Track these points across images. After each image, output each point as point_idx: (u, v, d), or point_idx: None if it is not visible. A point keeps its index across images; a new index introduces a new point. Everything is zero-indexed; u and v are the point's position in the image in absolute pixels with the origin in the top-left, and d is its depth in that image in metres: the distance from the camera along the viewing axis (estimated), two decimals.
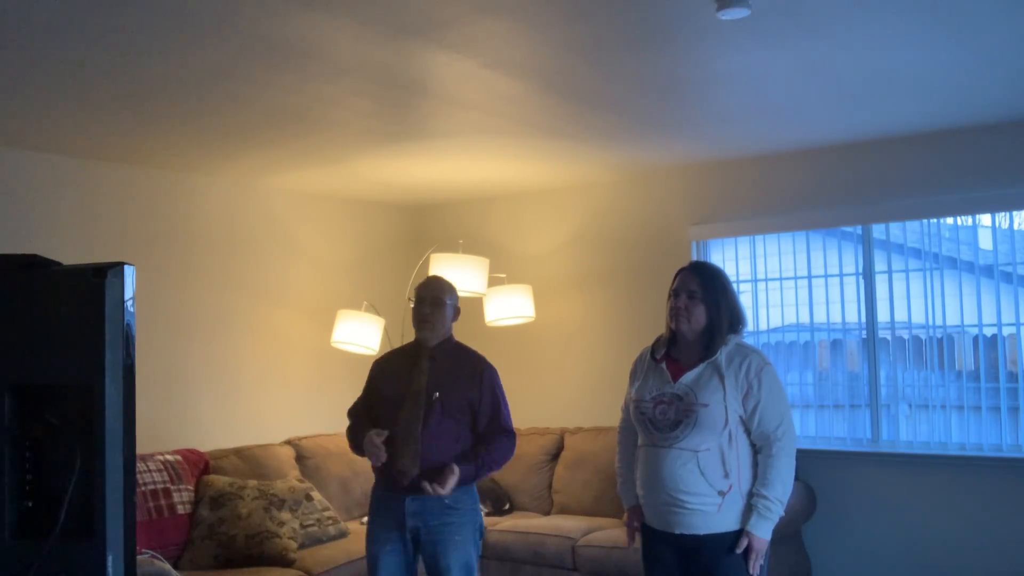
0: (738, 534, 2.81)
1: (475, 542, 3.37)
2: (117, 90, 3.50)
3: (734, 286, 3.09)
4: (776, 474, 2.82)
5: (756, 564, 2.80)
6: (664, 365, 2.96)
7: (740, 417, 2.85)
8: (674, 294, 2.96)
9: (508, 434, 3.44)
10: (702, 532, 2.81)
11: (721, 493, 2.79)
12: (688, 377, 2.87)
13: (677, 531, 2.85)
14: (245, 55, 3.14)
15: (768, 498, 2.80)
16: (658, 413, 2.87)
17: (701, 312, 2.91)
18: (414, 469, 3.25)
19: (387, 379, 3.50)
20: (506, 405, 3.49)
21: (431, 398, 3.32)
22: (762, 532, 2.80)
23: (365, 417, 3.48)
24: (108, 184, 4.68)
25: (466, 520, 3.33)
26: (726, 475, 2.80)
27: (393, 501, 3.31)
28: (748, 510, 2.83)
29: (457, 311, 3.53)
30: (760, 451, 2.86)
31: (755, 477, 2.88)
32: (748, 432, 2.87)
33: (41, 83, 3.38)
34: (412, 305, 3.51)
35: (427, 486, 3.19)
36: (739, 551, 2.79)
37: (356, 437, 3.41)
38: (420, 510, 3.28)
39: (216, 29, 2.90)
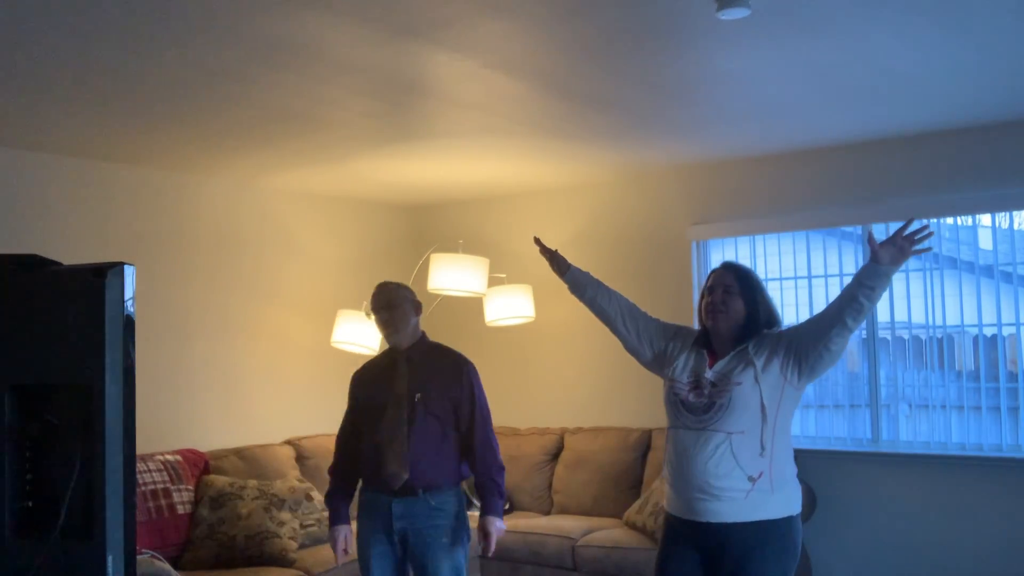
0: (768, 527, 2.73)
1: (463, 543, 3.36)
2: (117, 90, 3.50)
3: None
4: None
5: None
6: (705, 352, 2.91)
7: (782, 386, 2.76)
8: (709, 291, 2.91)
9: (491, 451, 3.38)
10: (728, 520, 2.72)
11: (751, 479, 2.71)
12: (720, 363, 2.83)
13: (703, 519, 2.75)
14: (245, 55, 3.14)
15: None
16: (692, 397, 2.82)
17: (739, 306, 2.86)
18: (403, 473, 3.26)
19: (367, 388, 3.49)
20: (486, 407, 3.43)
21: (413, 400, 3.32)
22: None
23: (343, 473, 3.52)
24: (108, 184, 4.68)
25: (452, 522, 3.32)
26: (761, 457, 2.72)
27: (380, 504, 3.32)
28: (790, 500, 2.79)
29: (416, 306, 3.48)
30: (831, 308, 2.76)
31: (794, 472, 2.83)
32: (823, 335, 2.74)
33: (41, 83, 3.38)
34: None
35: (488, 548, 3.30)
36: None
37: (330, 512, 3.50)
38: (406, 512, 3.28)
39: (216, 29, 2.90)
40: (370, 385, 3.49)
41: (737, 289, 2.87)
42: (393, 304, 3.43)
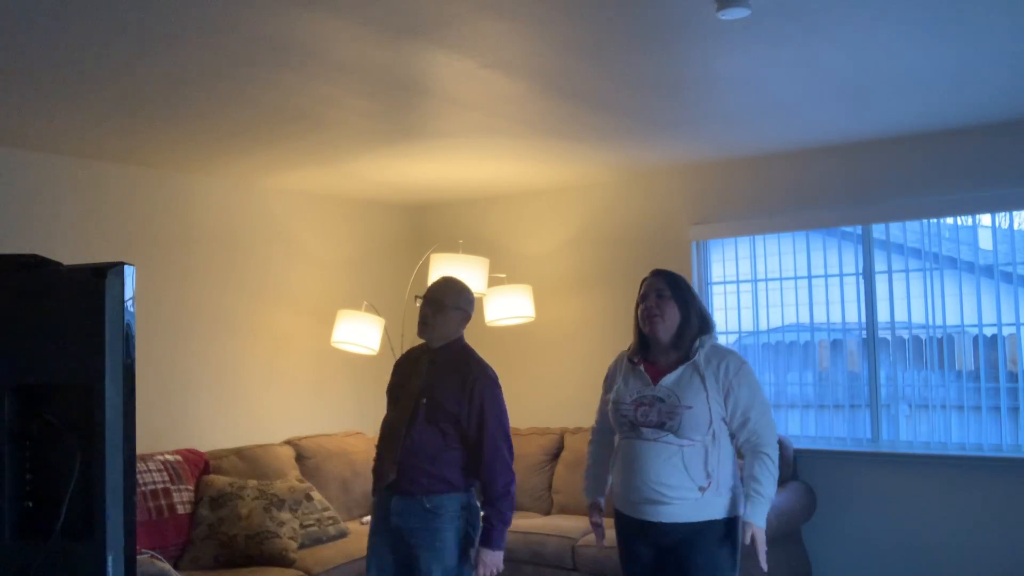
0: (715, 523, 2.85)
1: (456, 549, 3.22)
2: (117, 90, 3.50)
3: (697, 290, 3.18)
4: (764, 471, 2.87)
5: (763, 553, 2.82)
6: (643, 367, 3.00)
7: (722, 418, 2.89)
8: (643, 298, 3.02)
9: (497, 471, 3.23)
10: (679, 521, 2.85)
11: (701, 489, 2.83)
12: (669, 379, 2.91)
13: (653, 519, 2.89)
14: (245, 55, 3.14)
15: (760, 491, 2.85)
16: (639, 415, 2.91)
17: (673, 310, 2.96)
18: (391, 474, 3.25)
19: (397, 376, 3.51)
20: (498, 425, 3.28)
21: (419, 403, 3.28)
22: (758, 519, 2.82)
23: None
24: (108, 184, 4.68)
25: (449, 527, 3.21)
26: (707, 473, 2.84)
27: (382, 498, 3.34)
28: (734, 502, 2.88)
29: (465, 315, 3.41)
30: (745, 449, 2.92)
31: (736, 475, 2.93)
32: (730, 432, 2.92)
33: (41, 83, 3.38)
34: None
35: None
36: (747, 542, 2.82)
37: None
38: (402, 510, 3.25)
39: (216, 29, 2.90)
40: (399, 375, 3.50)
41: (669, 294, 2.98)
42: (440, 306, 3.36)
